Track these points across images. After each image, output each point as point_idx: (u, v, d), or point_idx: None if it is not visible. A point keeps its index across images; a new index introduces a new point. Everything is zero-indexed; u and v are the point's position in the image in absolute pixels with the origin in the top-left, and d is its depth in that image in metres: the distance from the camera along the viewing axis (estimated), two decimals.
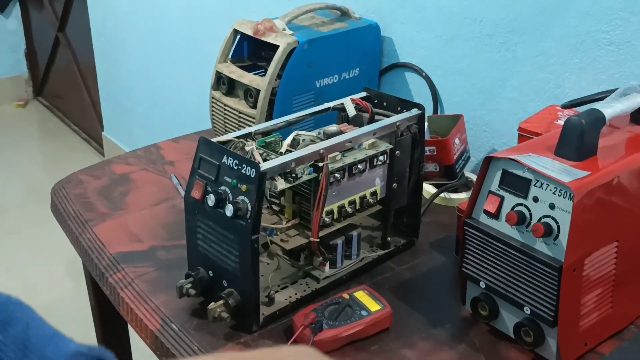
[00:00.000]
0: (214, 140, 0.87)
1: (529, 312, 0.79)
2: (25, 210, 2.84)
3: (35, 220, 2.64)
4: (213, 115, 1.35)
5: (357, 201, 0.95)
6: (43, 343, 0.31)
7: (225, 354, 0.26)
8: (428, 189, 1.18)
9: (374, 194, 0.97)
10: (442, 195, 1.17)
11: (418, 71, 1.39)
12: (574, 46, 1.10)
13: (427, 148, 1.16)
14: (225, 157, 0.83)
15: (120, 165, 1.30)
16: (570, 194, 0.74)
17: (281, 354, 0.27)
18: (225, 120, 1.32)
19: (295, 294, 0.92)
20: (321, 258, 0.95)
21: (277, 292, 0.92)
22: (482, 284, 0.84)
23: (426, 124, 1.23)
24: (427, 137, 1.22)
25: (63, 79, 3.59)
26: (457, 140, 1.22)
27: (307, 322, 0.83)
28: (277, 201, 0.96)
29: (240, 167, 0.81)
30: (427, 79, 1.38)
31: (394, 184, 0.99)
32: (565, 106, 1.03)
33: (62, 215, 1.16)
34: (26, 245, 2.58)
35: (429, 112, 1.36)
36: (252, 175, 0.80)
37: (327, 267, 0.95)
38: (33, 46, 3.84)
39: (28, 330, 0.34)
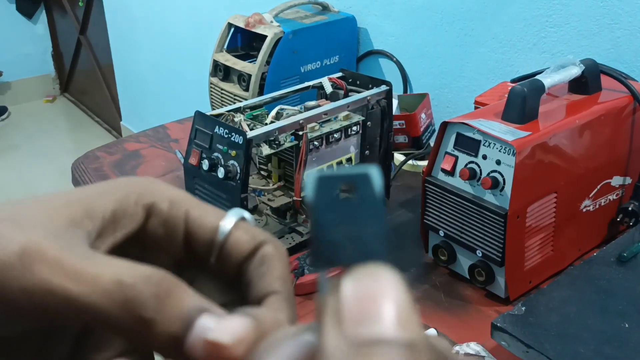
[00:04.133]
0: (208, 113, 0.87)
1: (480, 254, 0.80)
2: (57, 189, 2.83)
3: None
4: (212, 98, 1.35)
5: (335, 166, 0.96)
6: None
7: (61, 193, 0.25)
8: (398, 157, 1.19)
9: (349, 159, 0.98)
10: (410, 162, 1.18)
11: (390, 57, 1.39)
12: (521, 29, 1.11)
13: (397, 122, 1.16)
14: (217, 127, 0.83)
15: (132, 143, 1.30)
16: (513, 151, 0.75)
17: (116, 180, 0.26)
18: (222, 102, 1.32)
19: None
20: (304, 216, 0.96)
21: None
22: (442, 233, 0.85)
23: (396, 101, 1.24)
24: (397, 113, 1.23)
25: (86, 77, 3.58)
26: (423, 115, 1.22)
27: (291, 268, 0.84)
28: (265, 167, 0.97)
29: (230, 136, 0.82)
30: (398, 64, 1.38)
31: (367, 151, 1.00)
32: (514, 81, 1.03)
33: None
34: None
35: (399, 91, 1.37)
36: (240, 142, 0.81)
37: (309, 223, 0.96)
38: (59, 48, 3.82)
39: None
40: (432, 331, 0.76)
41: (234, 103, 1.28)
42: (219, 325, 0.21)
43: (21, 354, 0.25)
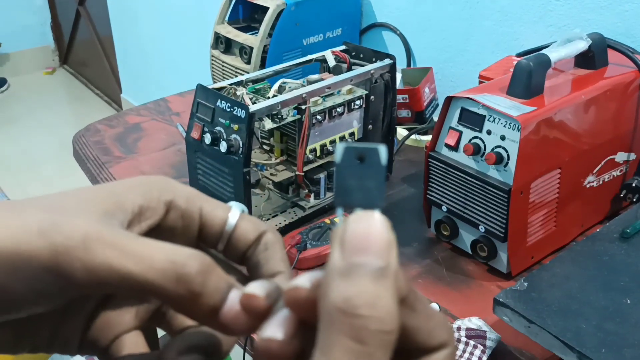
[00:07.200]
0: (209, 87, 0.87)
1: (483, 230, 0.80)
2: (58, 161, 2.84)
3: (65, 169, 2.64)
4: (213, 71, 1.34)
5: (337, 140, 0.96)
6: None
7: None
8: (401, 131, 1.18)
9: (352, 134, 0.97)
10: (413, 137, 1.17)
11: (393, 29, 1.38)
12: (527, 2, 1.09)
13: (400, 96, 1.16)
14: (219, 100, 0.83)
15: (133, 116, 1.30)
16: (518, 126, 0.74)
17: (139, 178, 0.29)
18: (224, 75, 1.31)
19: (284, 220, 0.93)
20: (307, 190, 0.96)
21: (268, 219, 0.93)
22: (444, 208, 0.85)
23: (400, 75, 1.23)
24: (401, 87, 1.22)
25: (85, 48, 3.54)
26: (426, 90, 1.21)
27: (293, 242, 0.85)
28: (268, 141, 0.96)
29: (232, 109, 0.81)
30: (401, 37, 1.36)
31: (370, 126, 0.99)
32: (520, 55, 1.02)
33: (82, 159, 1.16)
34: (58, 191, 2.59)
35: (403, 65, 1.35)
36: (243, 116, 0.80)
37: (312, 198, 0.96)
38: (57, 19, 3.78)
39: None
40: (434, 305, 0.77)
41: (236, 76, 1.27)
42: (250, 285, 0.26)
43: (41, 329, 0.28)
